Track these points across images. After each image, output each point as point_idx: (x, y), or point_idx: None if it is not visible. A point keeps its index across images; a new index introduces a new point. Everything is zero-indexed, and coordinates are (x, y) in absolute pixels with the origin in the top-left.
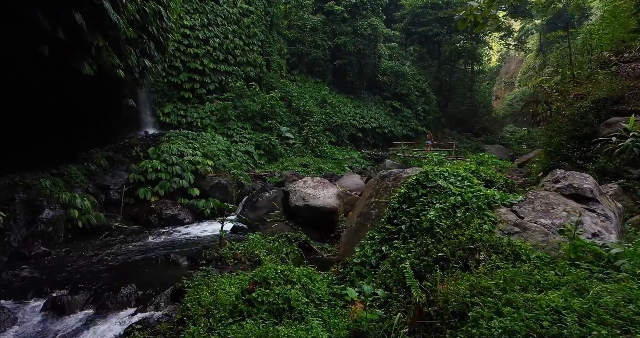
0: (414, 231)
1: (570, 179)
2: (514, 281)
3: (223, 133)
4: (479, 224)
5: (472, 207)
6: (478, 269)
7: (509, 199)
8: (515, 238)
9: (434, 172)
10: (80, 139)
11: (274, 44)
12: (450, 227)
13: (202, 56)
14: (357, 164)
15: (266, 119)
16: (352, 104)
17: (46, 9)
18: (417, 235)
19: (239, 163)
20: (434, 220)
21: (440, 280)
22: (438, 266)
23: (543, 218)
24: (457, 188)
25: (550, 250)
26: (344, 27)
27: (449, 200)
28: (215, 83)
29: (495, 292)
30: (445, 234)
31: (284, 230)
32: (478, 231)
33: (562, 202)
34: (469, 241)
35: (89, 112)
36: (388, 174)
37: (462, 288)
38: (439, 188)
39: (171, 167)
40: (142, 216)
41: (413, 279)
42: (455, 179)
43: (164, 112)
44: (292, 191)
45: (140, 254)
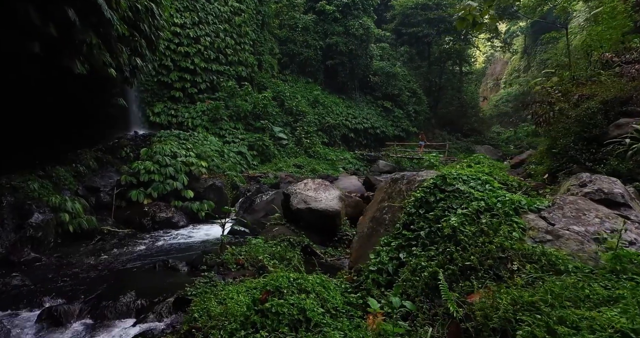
0: (434, 238)
1: (598, 183)
2: (562, 295)
3: (215, 133)
4: (508, 231)
5: (498, 213)
6: (514, 280)
7: (535, 204)
8: (548, 247)
9: (452, 175)
10: (67, 139)
11: (265, 44)
12: (476, 234)
13: (193, 54)
14: (351, 165)
15: (259, 119)
16: (344, 105)
17: (37, 3)
18: (438, 241)
19: (233, 164)
20: (457, 226)
21: (470, 291)
22: (465, 276)
23: (575, 224)
24: (479, 192)
25: (587, 259)
26: (336, 27)
27: (472, 205)
28: (207, 82)
29: (542, 308)
30: (470, 241)
31: (285, 233)
32: (507, 238)
33: (592, 208)
34: (499, 249)
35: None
36: (401, 178)
37: (504, 302)
38: (459, 192)
39: (164, 168)
40: (134, 219)
41: (448, 292)
42: (475, 183)
43: (154, 112)
44: (293, 193)
45: (136, 259)
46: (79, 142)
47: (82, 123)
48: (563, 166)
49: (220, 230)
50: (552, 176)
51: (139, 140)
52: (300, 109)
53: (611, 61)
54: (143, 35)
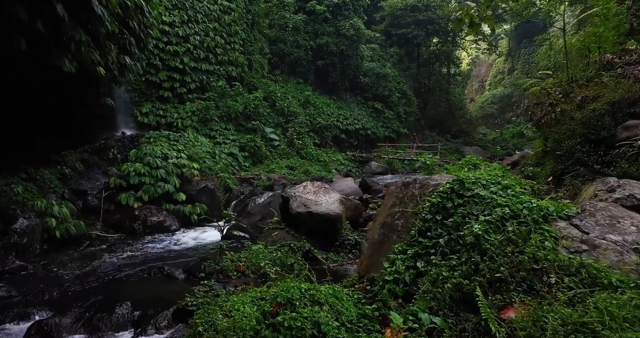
0: (455, 246)
1: (629, 189)
2: (620, 316)
3: (205, 134)
4: (540, 240)
5: (526, 220)
6: (554, 295)
7: (564, 211)
8: (585, 257)
9: (470, 179)
10: (51, 140)
11: (255, 43)
12: (503, 243)
13: (182, 54)
14: (343, 167)
15: (250, 120)
16: (335, 105)
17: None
18: (460, 250)
19: (225, 166)
20: (481, 234)
21: (502, 305)
22: (494, 288)
23: (611, 233)
24: (502, 197)
25: (629, 271)
26: (326, 27)
27: (496, 212)
28: (196, 82)
29: (599, 331)
30: (497, 251)
31: (285, 238)
32: (540, 248)
33: (626, 215)
34: (531, 260)
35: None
36: (412, 182)
37: (551, 322)
38: (479, 198)
39: (155, 171)
40: (124, 224)
41: (487, 309)
42: (496, 187)
43: (141, 112)
44: (292, 197)
45: (128, 266)
46: (64, 143)
47: (67, 123)
48: (569, 169)
49: (215, 234)
50: (557, 178)
51: (126, 141)
52: (291, 109)
53: (612, 62)
54: (132, 33)
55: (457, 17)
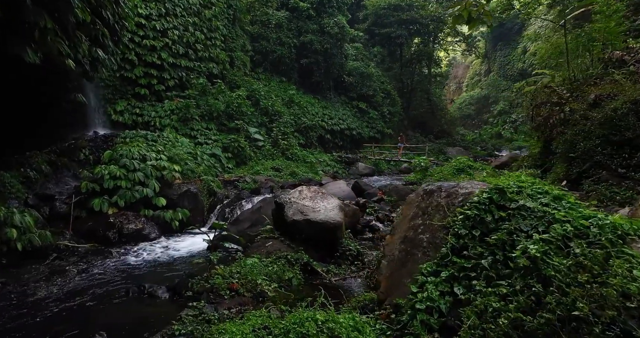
0: (503, 270)
1: None
2: None
3: (186, 134)
4: (626, 269)
5: (598, 241)
6: None
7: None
8: None
9: (511, 188)
10: (13, 140)
11: (237, 40)
12: (571, 269)
13: (160, 49)
14: (329, 168)
15: (232, 119)
16: (319, 105)
17: None
18: (511, 275)
19: (207, 168)
20: (539, 256)
21: None
22: (568, 329)
23: None
24: (557, 211)
25: None
26: (310, 25)
27: (555, 229)
28: (175, 79)
29: None
30: (567, 279)
31: (281, 249)
32: (629, 279)
33: None
34: (620, 295)
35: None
36: (437, 189)
37: None
38: (527, 211)
39: (132, 173)
40: (97, 232)
41: None
42: (546, 198)
43: (116, 111)
44: (287, 203)
45: (102, 283)
46: (28, 143)
47: (31, 121)
48: (589, 173)
49: (200, 242)
50: (573, 183)
51: (99, 141)
52: (275, 109)
53: (621, 59)
54: (105, 24)
55: (455, 13)
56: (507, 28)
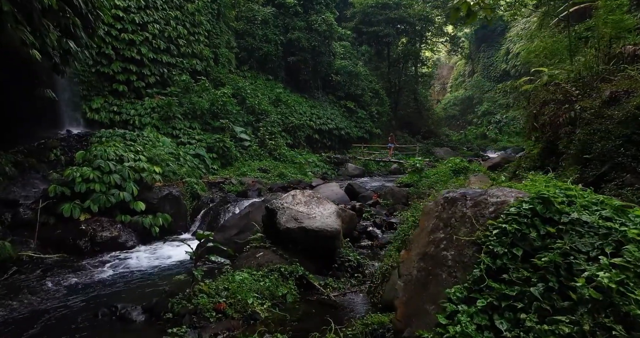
0: (559, 301)
1: None
2: None
3: (168, 134)
4: None
5: None
6: None
7: None
8: None
9: (558, 197)
10: None
11: (221, 36)
12: None
13: (140, 43)
14: (318, 169)
15: (217, 118)
16: (307, 104)
17: None
18: (574, 310)
19: (191, 169)
20: (614, 287)
21: None
22: None
23: None
24: (629, 228)
25: None
26: (297, 22)
27: (631, 252)
28: (156, 76)
29: None
30: None
31: (273, 260)
32: None
33: None
34: None
35: None
36: (460, 197)
37: None
38: (583, 226)
39: (107, 176)
40: (67, 241)
41: None
42: (607, 210)
43: (91, 108)
44: (279, 209)
45: (67, 302)
46: None
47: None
48: (610, 176)
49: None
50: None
51: (73, 141)
52: (262, 107)
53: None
54: (77, 13)
55: (454, 6)
56: (490, 30)
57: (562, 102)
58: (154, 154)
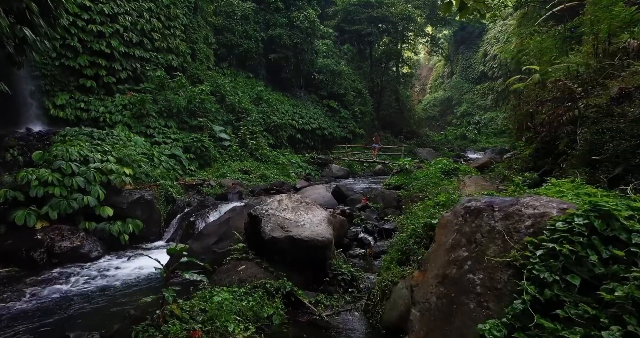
0: None
1: None
2: None
3: (141, 133)
4: None
5: None
6: None
7: None
8: None
9: (622, 211)
10: None
11: (199, 31)
12: None
13: (110, 36)
14: (301, 170)
15: (195, 116)
16: (289, 103)
17: None
18: None
19: (166, 171)
20: None
21: None
22: None
23: None
24: None
25: None
26: (279, 18)
27: None
28: (128, 71)
29: None
30: None
31: (257, 275)
32: None
33: None
34: None
35: None
36: (486, 207)
37: None
38: None
39: (69, 178)
40: (19, 253)
41: None
42: None
43: (55, 105)
44: (263, 215)
45: (9, 331)
46: None
47: None
48: (627, 178)
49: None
50: None
51: (33, 140)
52: (243, 106)
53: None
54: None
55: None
56: (469, 32)
57: (562, 100)
58: (124, 154)
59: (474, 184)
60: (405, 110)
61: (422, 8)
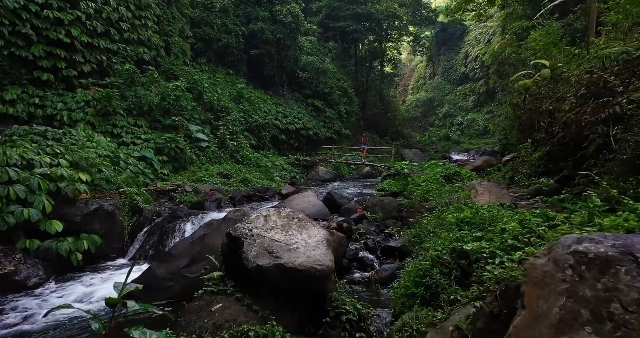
0: None
1: None
2: None
3: (106, 132)
4: None
5: None
6: None
7: None
8: None
9: None
10: None
11: (174, 23)
12: None
13: (69, 23)
14: (286, 173)
15: (169, 115)
16: (272, 102)
17: None
18: None
19: (133, 175)
20: None
21: None
22: None
23: None
24: None
25: None
26: (260, 11)
27: None
28: (92, 63)
29: None
30: None
31: (237, 317)
32: None
33: None
34: None
35: None
36: (622, 256)
37: None
38: None
39: (4, 188)
40: None
41: None
42: None
43: (4, 100)
44: (246, 237)
45: None
46: None
47: None
48: None
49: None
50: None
51: None
52: (222, 104)
53: None
54: None
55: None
56: (450, 33)
57: (591, 95)
58: (80, 157)
59: (487, 193)
60: (390, 110)
61: (407, 6)
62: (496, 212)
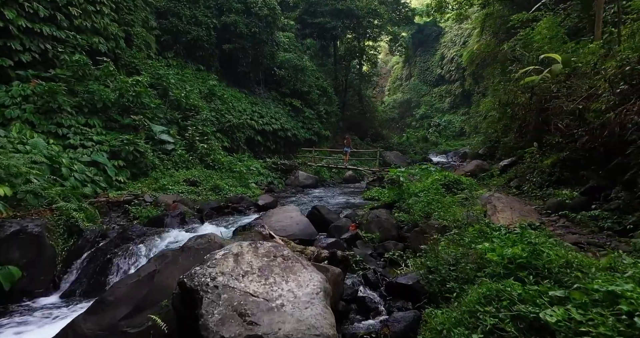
0: None
1: None
2: None
3: (49, 133)
4: None
5: None
6: None
7: None
8: None
9: None
10: None
11: (136, 12)
12: None
13: (2, 4)
14: (262, 178)
15: (128, 113)
16: (247, 101)
17: None
18: None
19: (78, 184)
20: None
21: None
22: None
23: None
24: None
25: None
26: (233, 3)
27: None
28: (34, 52)
29: None
30: None
31: None
32: None
33: None
34: None
35: None
36: None
37: None
38: None
39: None
40: None
41: None
42: None
43: None
44: (207, 290)
45: None
46: None
47: None
48: None
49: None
50: None
51: None
52: (191, 102)
53: None
54: None
55: None
56: (426, 34)
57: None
58: (1, 164)
59: (509, 210)
60: (369, 111)
61: (386, 4)
62: (568, 255)
